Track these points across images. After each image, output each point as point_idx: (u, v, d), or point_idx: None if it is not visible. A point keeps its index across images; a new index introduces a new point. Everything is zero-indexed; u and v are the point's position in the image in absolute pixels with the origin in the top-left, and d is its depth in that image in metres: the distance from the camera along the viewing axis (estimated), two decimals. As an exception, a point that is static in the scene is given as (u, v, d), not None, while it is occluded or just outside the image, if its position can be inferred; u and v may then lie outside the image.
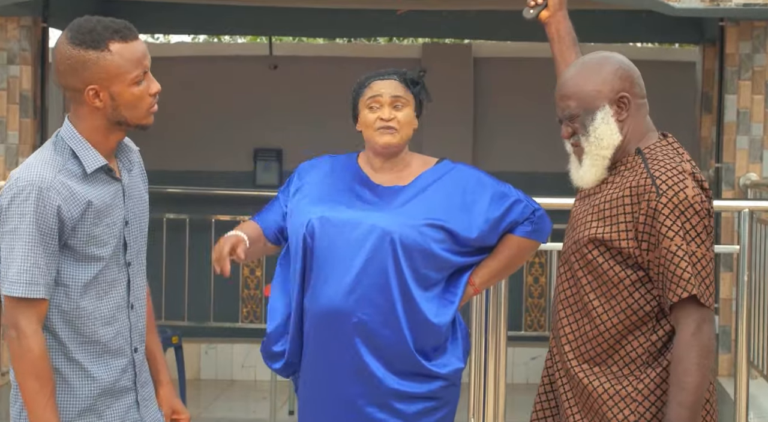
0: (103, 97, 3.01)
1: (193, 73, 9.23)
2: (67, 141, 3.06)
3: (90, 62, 2.99)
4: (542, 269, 9.01)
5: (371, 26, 9.12)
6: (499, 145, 9.29)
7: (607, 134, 3.15)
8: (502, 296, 4.66)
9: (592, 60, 3.21)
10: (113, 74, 3.00)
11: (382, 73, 3.74)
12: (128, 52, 3.02)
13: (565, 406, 3.20)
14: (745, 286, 5.03)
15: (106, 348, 3.09)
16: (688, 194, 3.03)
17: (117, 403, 3.12)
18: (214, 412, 7.68)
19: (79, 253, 3.03)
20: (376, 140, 3.69)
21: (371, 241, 3.59)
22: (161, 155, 9.19)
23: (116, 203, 3.11)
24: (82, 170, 3.04)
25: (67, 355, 3.06)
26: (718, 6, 6.68)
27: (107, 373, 3.09)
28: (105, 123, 3.06)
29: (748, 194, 6.83)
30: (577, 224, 3.21)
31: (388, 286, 3.58)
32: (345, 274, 3.59)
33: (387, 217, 3.62)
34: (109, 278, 3.09)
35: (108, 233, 3.07)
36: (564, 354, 3.19)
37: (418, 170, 3.74)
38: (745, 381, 4.99)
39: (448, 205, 3.66)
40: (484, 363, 4.18)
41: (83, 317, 3.06)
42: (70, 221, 2.99)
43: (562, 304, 3.23)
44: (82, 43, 3.00)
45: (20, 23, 7.02)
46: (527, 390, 8.25)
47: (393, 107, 3.69)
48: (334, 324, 3.60)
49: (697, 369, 2.98)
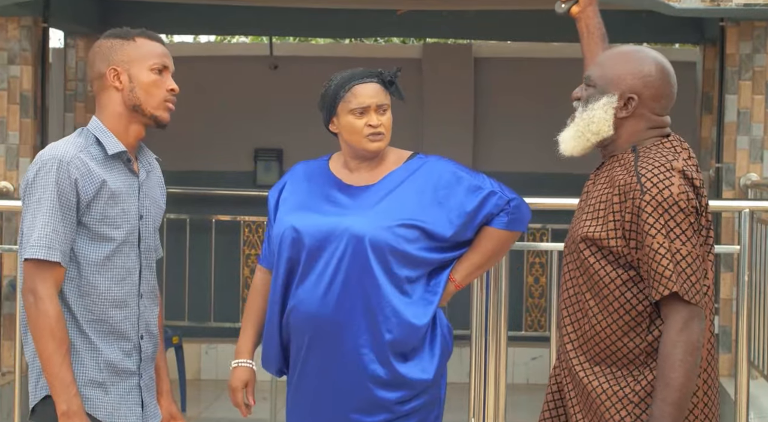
0: (123, 79, 3.31)
1: (193, 73, 9.23)
2: (91, 131, 3.33)
3: (116, 47, 3.33)
4: (543, 269, 9.01)
5: (371, 26, 9.12)
6: (500, 145, 9.29)
7: (599, 121, 3.15)
8: (503, 296, 4.66)
9: (641, 52, 3.21)
10: (134, 57, 3.32)
11: (359, 75, 3.73)
12: (151, 45, 3.36)
13: (569, 406, 3.20)
14: (746, 286, 5.02)
15: (113, 329, 3.30)
16: (673, 191, 3.02)
17: (122, 383, 3.32)
18: (215, 412, 7.68)
19: (92, 231, 3.26)
20: (365, 146, 3.70)
21: (344, 246, 3.61)
22: (161, 155, 9.18)
23: (131, 194, 3.35)
24: (103, 154, 3.30)
25: (79, 328, 3.26)
26: (719, 6, 6.68)
27: (113, 352, 3.30)
28: (124, 110, 3.33)
29: (748, 194, 6.83)
30: (575, 222, 3.22)
31: (364, 290, 3.60)
32: (321, 281, 3.63)
33: (360, 220, 3.64)
34: (128, 264, 3.33)
35: (122, 217, 3.31)
36: (566, 352, 3.19)
37: (392, 165, 3.76)
38: (745, 381, 4.99)
39: (421, 202, 3.67)
40: (485, 363, 4.18)
41: (93, 295, 3.27)
42: (85, 196, 3.23)
43: (564, 303, 3.23)
44: (112, 35, 3.37)
45: (20, 23, 7.01)
46: (527, 390, 8.27)
47: (378, 112, 3.71)
48: (315, 330, 3.64)
49: (681, 366, 2.96)
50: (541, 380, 8.17)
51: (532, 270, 9.05)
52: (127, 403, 3.32)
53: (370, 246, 3.59)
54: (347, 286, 3.60)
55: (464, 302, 4.87)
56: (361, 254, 3.60)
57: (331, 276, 3.61)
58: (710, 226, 3.17)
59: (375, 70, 3.74)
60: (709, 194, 7.64)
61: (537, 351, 8.52)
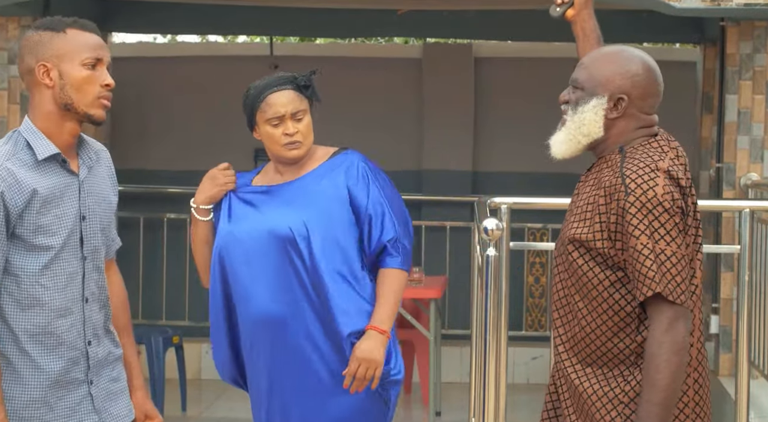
0: (53, 76, 3.11)
1: (193, 73, 9.23)
2: (22, 133, 3.14)
3: (45, 40, 3.12)
4: (543, 269, 9.01)
5: (372, 26, 9.12)
6: (500, 145, 9.28)
7: (589, 123, 3.16)
8: (503, 296, 4.66)
9: (626, 52, 3.20)
10: (64, 52, 3.11)
11: (273, 83, 3.81)
12: (83, 37, 3.14)
13: (563, 406, 3.20)
14: (746, 286, 5.03)
15: (59, 340, 3.12)
16: (658, 192, 3.01)
17: (69, 395, 3.15)
18: (215, 412, 7.68)
19: (27, 242, 3.08)
20: (283, 154, 3.81)
21: (269, 244, 3.73)
22: (161, 155, 9.19)
23: (69, 196, 3.15)
24: (33, 158, 3.10)
25: (18, 345, 3.09)
26: (719, 6, 6.68)
27: (57, 364, 3.12)
28: (56, 109, 3.13)
29: (748, 194, 6.83)
30: (565, 223, 3.22)
31: (294, 283, 3.72)
32: (258, 281, 3.74)
33: (278, 216, 3.75)
34: (68, 270, 3.13)
35: (57, 224, 3.11)
36: (558, 354, 3.20)
37: (317, 162, 3.85)
38: (745, 380, 4.99)
39: (329, 196, 3.77)
40: (485, 363, 4.17)
41: (37, 307, 3.09)
42: (14, 208, 3.05)
43: (554, 305, 3.24)
44: (41, 27, 3.16)
45: (20, 23, 7.02)
46: (527, 390, 8.27)
47: (294, 119, 3.78)
48: (265, 329, 3.75)
49: (667, 367, 2.96)
50: (541, 380, 8.18)
51: (532, 270, 9.05)
52: (77, 415, 3.16)
53: (288, 239, 3.71)
54: (281, 282, 3.72)
55: (464, 303, 4.87)
56: (284, 248, 3.71)
57: (266, 275, 3.73)
58: (699, 225, 3.16)
59: (289, 76, 3.82)
60: (709, 194, 7.66)
61: (537, 351, 8.52)
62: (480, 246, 4.29)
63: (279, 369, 3.76)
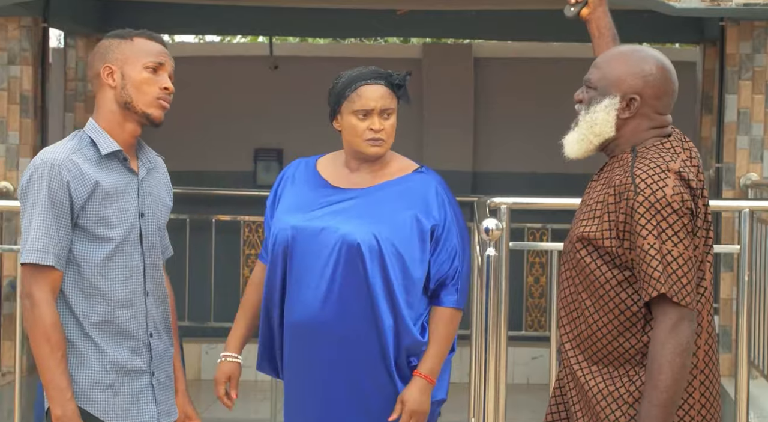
0: (116, 77, 3.31)
1: (193, 73, 9.23)
2: (86, 132, 3.33)
3: (113, 46, 3.35)
4: (542, 269, 9.01)
5: (371, 26, 9.12)
6: (500, 145, 9.29)
7: (601, 123, 3.15)
8: (503, 296, 4.66)
9: (640, 52, 3.19)
10: (128, 55, 3.32)
11: (367, 75, 3.64)
12: (148, 45, 3.35)
13: (570, 404, 3.19)
14: (746, 286, 5.02)
15: (120, 329, 3.29)
16: (667, 193, 3.01)
17: (132, 383, 3.31)
18: (215, 412, 7.67)
19: (89, 233, 3.25)
20: (364, 149, 3.65)
21: (338, 249, 3.57)
22: (161, 154, 9.19)
23: (129, 192, 3.33)
24: (97, 154, 3.29)
25: (82, 330, 3.25)
26: (719, 6, 6.67)
27: (120, 352, 3.28)
28: (117, 108, 3.32)
29: (748, 194, 6.82)
30: (574, 222, 3.22)
31: (362, 293, 3.58)
32: (318, 285, 3.60)
33: (352, 223, 3.60)
34: (130, 263, 3.31)
35: (118, 217, 3.28)
36: (565, 352, 3.19)
37: (396, 172, 3.71)
38: (745, 381, 4.98)
39: (395, 215, 3.62)
40: (484, 363, 4.17)
41: (98, 296, 3.26)
42: (78, 198, 3.23)
43: (561, 303, 3.23)
44: (112, 35, 3.39)
45: (20, 23, 7.01)
46: (527, 390, 8.26)
47: (382, 116, 3.63)
48: (310, 334, 3.62)
49: (669, 368, 2.96)
50: (541, 380, 8.17)
51: (532, 270, 9.05)
52: (138, 402, 3.31)
53: (363, 249, 3.56)
54: (344, 290, 3.58)
55: (464, 302, 4.87)
56: (357, 257, 3.57)
57: (328, 280, 3.59)
58: (709, 227, 3.16)
59: (384, 72, 3.66)
60: (709, 194, 7.65)
61: (537, 351, 8.52)
62: (480, 246, 4.28)
63: (335, 386, 3.64)
